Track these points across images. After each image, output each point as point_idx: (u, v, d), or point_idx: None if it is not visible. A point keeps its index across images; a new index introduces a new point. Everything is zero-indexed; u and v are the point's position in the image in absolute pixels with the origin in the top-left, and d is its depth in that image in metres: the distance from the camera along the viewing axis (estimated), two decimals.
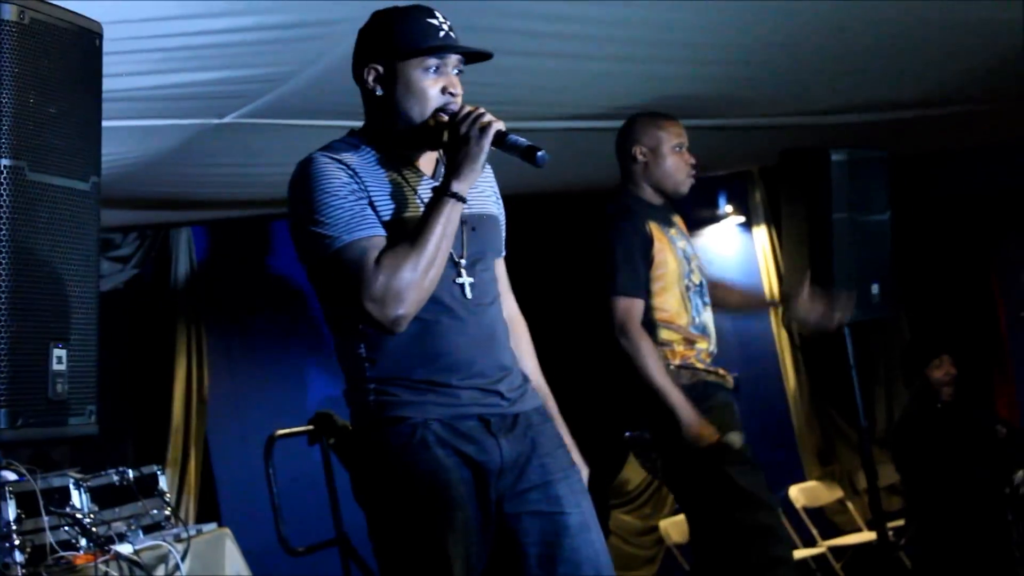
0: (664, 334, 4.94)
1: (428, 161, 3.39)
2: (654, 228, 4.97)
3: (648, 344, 4.85)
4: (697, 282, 5.09)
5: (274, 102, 5.17)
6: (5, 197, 2.64)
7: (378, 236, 3.18)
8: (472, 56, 3.34)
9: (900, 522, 7.58)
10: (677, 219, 5.23)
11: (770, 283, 8.67)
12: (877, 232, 5.70)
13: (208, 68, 4.71)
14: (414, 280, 3.11)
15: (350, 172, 3.22)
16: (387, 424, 3.24)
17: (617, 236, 4.93)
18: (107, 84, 4.55)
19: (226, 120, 5.32)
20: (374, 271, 3.10)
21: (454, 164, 3.20)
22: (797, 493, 8.59)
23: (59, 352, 2.75)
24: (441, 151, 3.38)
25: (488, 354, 3.34)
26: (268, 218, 7.80)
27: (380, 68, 3.28)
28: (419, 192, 3.31)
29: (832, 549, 8.28)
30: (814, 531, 8.40)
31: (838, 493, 8.69)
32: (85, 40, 2.83)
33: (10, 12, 2.64)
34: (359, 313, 3.13)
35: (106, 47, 4.19)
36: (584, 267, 5.04)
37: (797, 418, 9.00)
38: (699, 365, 4.99)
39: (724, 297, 5.29)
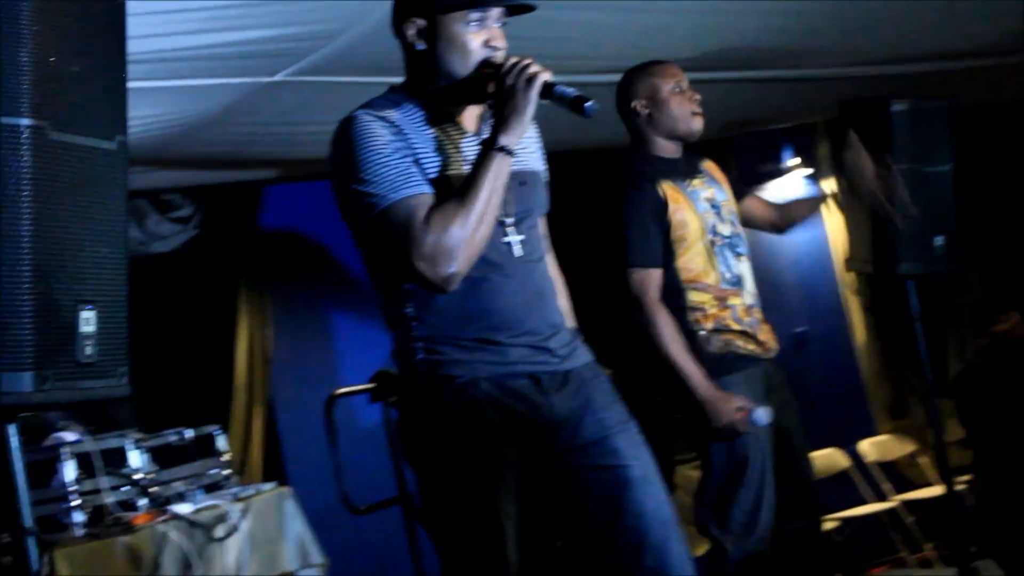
0: (693, 296, 4.81)
1: (471, 117, 3.36)
2: (668, 188, 4.84)
3: (664, 317, 4.74)
4: (727, 233, 4.93)
5: (325, 59, 5.14)
6: (27, 158, 2.62)
7: (425, 194, 3.15)
8: (515, 8, 3.30)
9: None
10: (707, 165, 5.10)
11: (836, 237, 8.55)
12: (939, 184, 5.59)
13: (258, 26, 4.68)
14: (464, 237, 3.08)
15: (394, 129, 3.19)
16: (436, 383, 3.22)
17: (627, 206, 4.80)
18: (157, 44, 4.60)
19: (277, 78, 5.30)
20: (423, 230, 3.07)
21: (501, 117, 3.17)
22: (868, 447, 8.51)
23: (87, 314, 2.73)
24: (486, 106, 3.34)
25: (537, 311, 3.33)
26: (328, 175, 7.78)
27: (421, 22, 3.24)
28: (463, 149, 3.29)
29: (904, 503, 8.21)
30: (885, 485, 8.33)
31: (910, 447, 8.58)
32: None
33: None
34: (409, 273, 3.10)
35: (155, 7, 4.22)
36: (601, 237, 4.94)
37: (867, 371, 8.90)
38: (735, 327, 4.84)
39: (751, 210, 5.17)
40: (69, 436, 4.76)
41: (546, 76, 3.18)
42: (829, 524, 7.83)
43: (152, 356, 7.33)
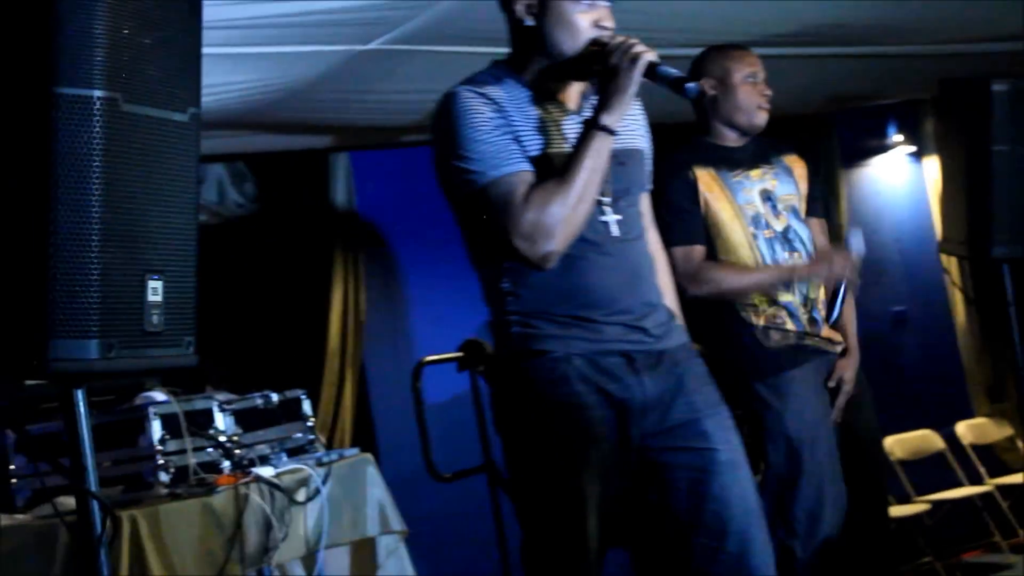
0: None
1: (573, 96, 3.39)
2: (704, 176, 4.79)
3: (715, 266, 4.70)
4: (779, 228, 4.85)
5: (419, 28, 5.16)
6: (98, 128, 2.65)
7: (525, 171, 3.20)
8: None
9: None
10: (789, 157, 5.01)
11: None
12: None
13: None
14: (564, 215, 3.12)
15: (495, 106, 3.23)
16: (529, 357, 3.26)
17: (667, 190, 4.68)
18: (250, 10, 4.65)
19: (371, 46, 5.32)
20: (523, 207, 3.11)
21: (604, 96, 3.20)
22: (965, 429, 8.42)
23: (155, 284, 2.77)
24: (588, 84, 3.38)
25: (633, 290, 3.35)
26: (426, 143, 7.79)
27: None
28: (564, 127, 3.32)
29: (1000, 488, 8.11)
30: (981, 469, 8.23)
31: (1008, 431, 8.48)
32: None
33: None
34: (507, 250, 3.15)
35: None
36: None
37: (966, 353, 8.79)
38: (789, 326, 4.77)
39: None
40: (157, 396, 4.83)
41: (650, 56, 3.20)
42: (920, 507, 7.77)
43: (248, 318, 7.44)
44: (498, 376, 3.40)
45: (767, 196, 4.84)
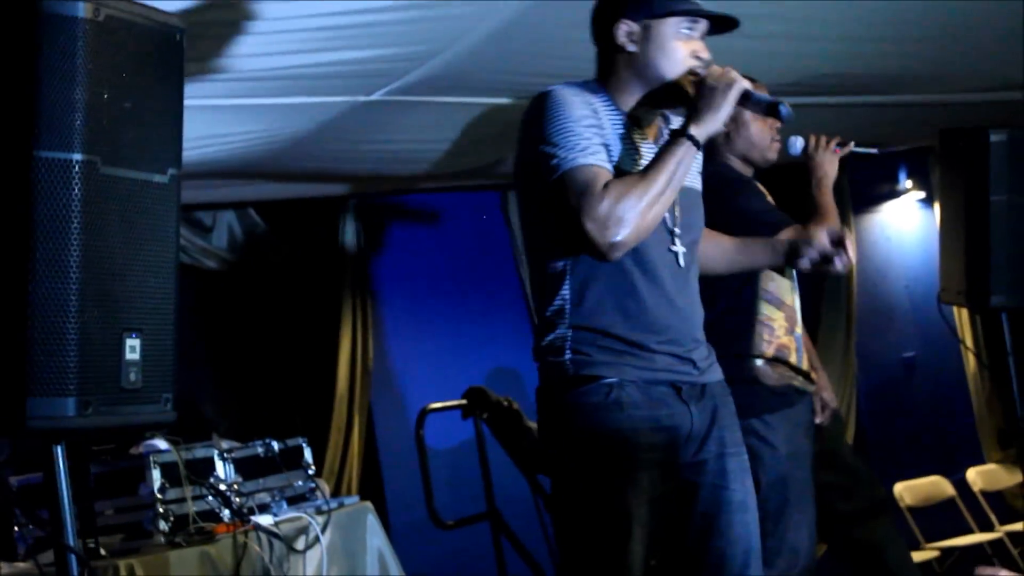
0: (766, 310, 4.76)
1: (653, 129, 3.48)
2: None
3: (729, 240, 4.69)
4: None
5: (421, 79, 5.22)
6: (77, 191, 2.71)
7: (608, 167, 3.27)
8: (718, 25, 3.42)
9: None
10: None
11: None
12: None
13: (353, 47, 4.76)
14: (639, 209, 3.18)
15: (591, 108, 3.32)
16: (582, 383, 3.30)
17: (742, 192, 4.73)
18: (254, 64, 4.73)
19: (374, 97, 5.39)
20: (601, 193, 3.17)
21: (696, 111, 3.28)
22: (975, 476, 8.41)
23: (132, 342, 2.82)
24: (662, 119, 3.49)
25: (687, 323, 3.43)
26: (432, 190, 7.87)
27: (635, 26, 3.36)
28: (643, 151, 3.39)
29: (1010, 534, 8.09)
30: (992, 516, 8.21)
31: (1018, 477, 8.42)
32: (165, 35, 2.88)
33: (85, 10, 2.71)
34: (578, 233, 3.19)
35: (254, 28, 4.34)
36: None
37: (977, 399, 8.79)
38: (792, 359, 4.78)
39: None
40: (159, 444, 4.88)
41: (746, 84, 3.31)
42: (930, 553, 7.76)
43: (257, 365, 7.49)
44: (549, 400, 3.40)
45: None
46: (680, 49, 3.34)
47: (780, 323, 4.77)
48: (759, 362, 4.71)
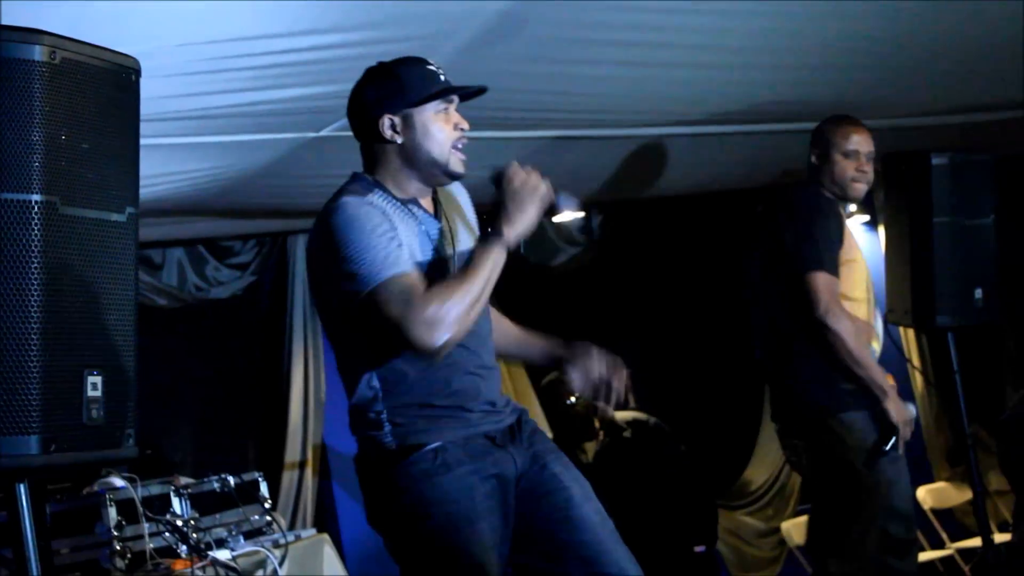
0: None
1: (428, 202, 3.60)
2: (846, 226, 5.03)
3: (847, 320, 4.86)
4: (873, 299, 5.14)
5: None
6: (36, 231, 2.73)
7: (416, 270, 3.37)
8: (470, 93, 3.59)
9: None
10: None
11: None
12: (981, 236, 5.59)
13: (298, 84, 4.81)
14: (462, 311, 3.29)
15: (381, 211, 3.41)
16: (406, 453, 3.43)
17: (816, 222, 4.93)
18: (203, 102, 4.75)
19: (323, 133, 5.42)
20: (425, 297, 3.27)
21: (508, 215, 3.41)
22: (925, 494, 8.49)
23: (94, 379, 2.84)
24: (432, 197, 3.62)
25: (491, 382, 3.60)
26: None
27: (396, 118, 3.49)
28: (428, 231, 3.53)
29: (960, 551, 8.17)
30: (942, 533, 8.29)
31: (967, 495, 8.52)
32: (120, 76, 2.91)
33: (41, 53, 2.74)
34: (403, 339, 3.27)
35: (198, 67, 4.37)
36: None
37: (925, 418, 8.88)
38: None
39: None
40: (116, 482, 4.88)
41: (549, 193, 3.46)
42: None
43: (211, 399, 7.48)
44: (374, 477, 3.51)
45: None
46: (442, 129, 3.50)
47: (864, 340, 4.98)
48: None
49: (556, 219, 3.68)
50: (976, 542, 7.94)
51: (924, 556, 8.10)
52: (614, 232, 8.57)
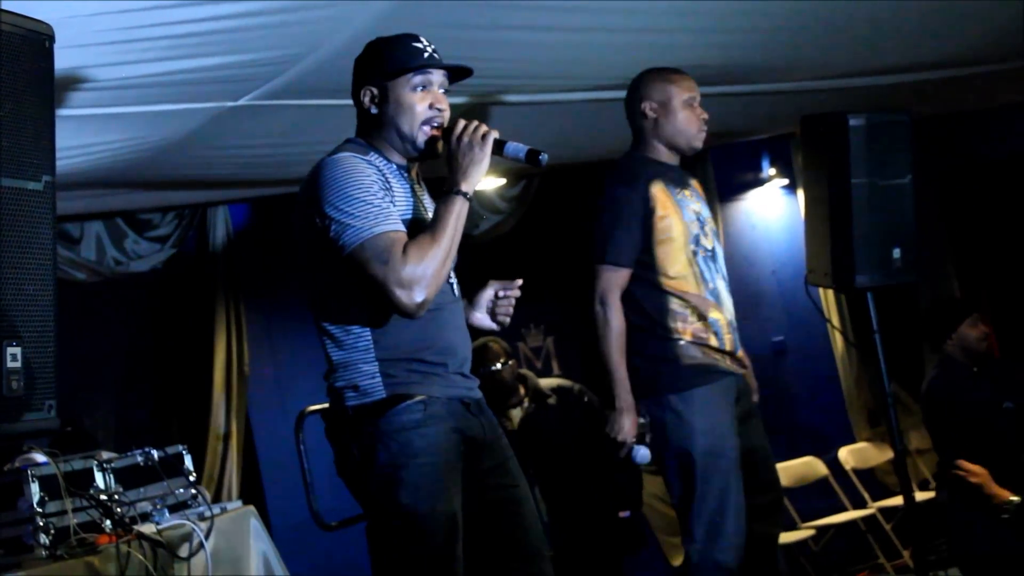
0: (675, 304, 4.93)
1: (414, 172, 3.80)
2: (659, 191, 4.96)
3: (618, 319, 4.92)
4: (709, 247, 5.05)
5: (287, 83, 5.22)
6: None
7: (402, 230, 3.52)
8: (456, 74, 3.74)
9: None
10: (695, 183, 5.21)
11: None
12: (898, 196, 5.60)
13: (215, 53, 4.75)
14: (435, 268, 3.46)
15: (377, 170, 3.58)
16: (395, 402, 3.56)
17: (617, 202, 4.96)
18: (118, 72, 4.68)
19: (241, 103, 5.38)
20: (403, 260, 3.42)
21: (460, 168, 3.59)
22: (846, 454, 8.60)
23: (13, 350, 2.81)
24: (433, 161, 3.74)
25: (465, 343, 3.78)
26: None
27: (374, 90, 3.69)
28: (423, 198, 3.76)
29: (882, 510, 8.27)
30: (864, 493, 8.39)
31: (888, 454, 8.64)
32: (34, 42, 2.88)
33: None
34: (385, 297, 3.45)
35: (113, 36, 4.31)
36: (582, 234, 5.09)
37: (846, 380, 8.97)
38: (713, 342, 4.95)
39: None
40: (37, 458, 4.81)
41: (495, 134, 3.62)
42: (805, 533, 7.90)
43: (132, 374, 7.42)
44: (353, 427, 3.61)
45: (699, 217, 5.04)
46: (416, 104, 3.65)
47: (692, 313, 4.95)
48: (680, 341, 4.85)
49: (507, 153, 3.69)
50: (898, 501, 8.07)
51: (847, 516, 8.22)
52: (547, 197, 8.57)
